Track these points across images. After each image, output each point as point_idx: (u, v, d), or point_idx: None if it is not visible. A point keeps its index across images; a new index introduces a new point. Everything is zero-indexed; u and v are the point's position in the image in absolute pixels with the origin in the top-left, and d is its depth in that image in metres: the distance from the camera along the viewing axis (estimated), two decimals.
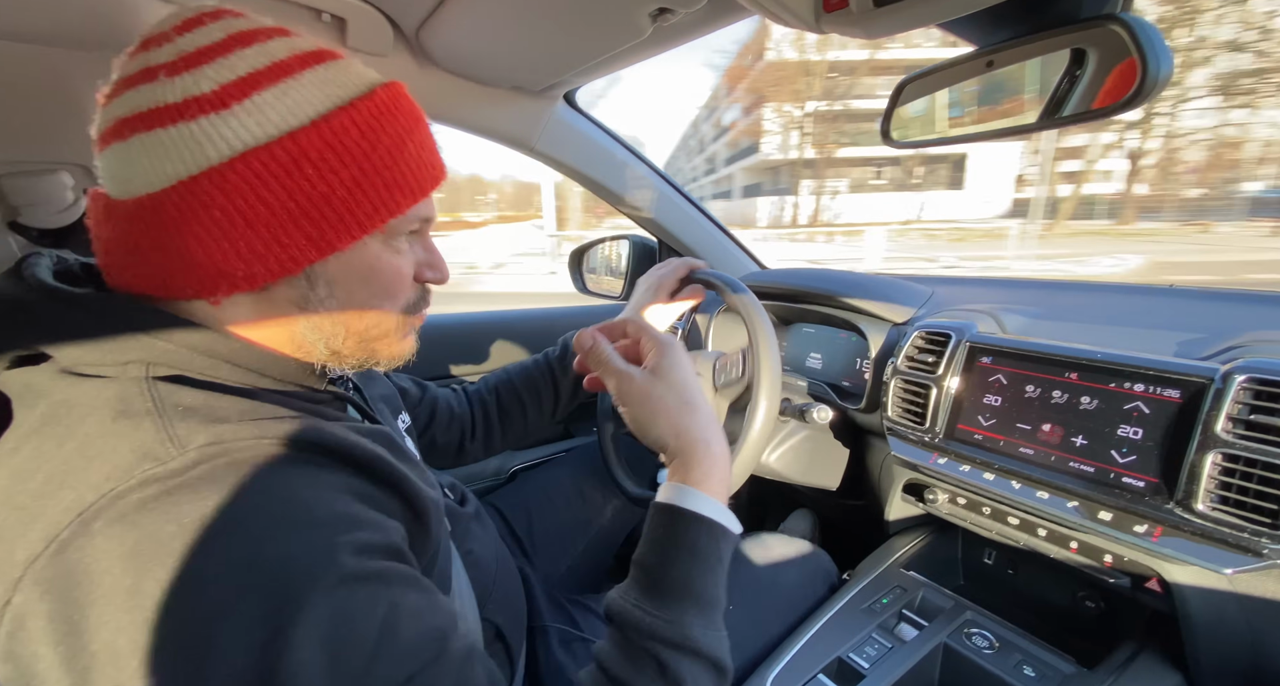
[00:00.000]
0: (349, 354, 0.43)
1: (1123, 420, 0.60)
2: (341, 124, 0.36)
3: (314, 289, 0.39)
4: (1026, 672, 0.63)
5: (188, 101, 0.33)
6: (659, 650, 0.38)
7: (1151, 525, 0.56)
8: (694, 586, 0.40)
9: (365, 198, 0.37)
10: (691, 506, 0.43)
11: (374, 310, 0.42)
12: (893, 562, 0.82)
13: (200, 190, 0.33)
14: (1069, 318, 0.76)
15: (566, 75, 0.82)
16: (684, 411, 0.47)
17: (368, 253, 0.40)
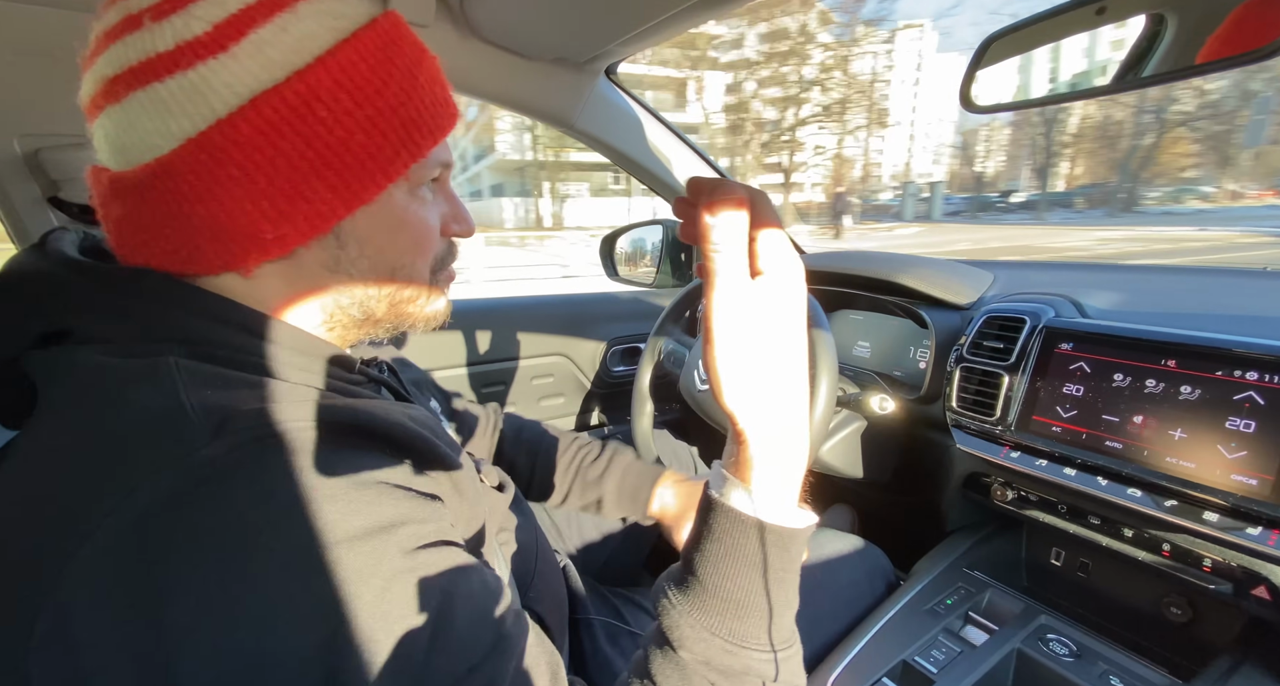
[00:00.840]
0: (383, 317, 0.40)
1: (1232, 412, 0.54)
2: (348, 58, 0.33)
3: (344, 248, 0.36)
4: (1114, 684, 0.59)
5: (181, 47, 0.30)
6: (715, 677, 0.32)
7: (1267, 526, 0.51)
8: (761, 604, 0.32)
9: (385, 140, 0.34)
10: (765, 515, 0.31)
11: (405, 267, 0.39)
12: (954, 561, 0.78)
13: (212, 146, 0.30)
14: (1158, 301, 0.70)
15: (611, 44, 0.78)
16: (787, 363, 0.31)
17: (394, 204, 0.37)
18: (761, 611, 0.32)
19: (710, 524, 0.32)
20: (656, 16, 0.67)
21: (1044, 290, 0.77)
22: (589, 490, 0.75)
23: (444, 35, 0.75)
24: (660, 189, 1.14)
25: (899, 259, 0.96)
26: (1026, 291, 0.79)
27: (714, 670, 0.32)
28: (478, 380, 1.14)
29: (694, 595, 0.33)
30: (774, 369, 0.31)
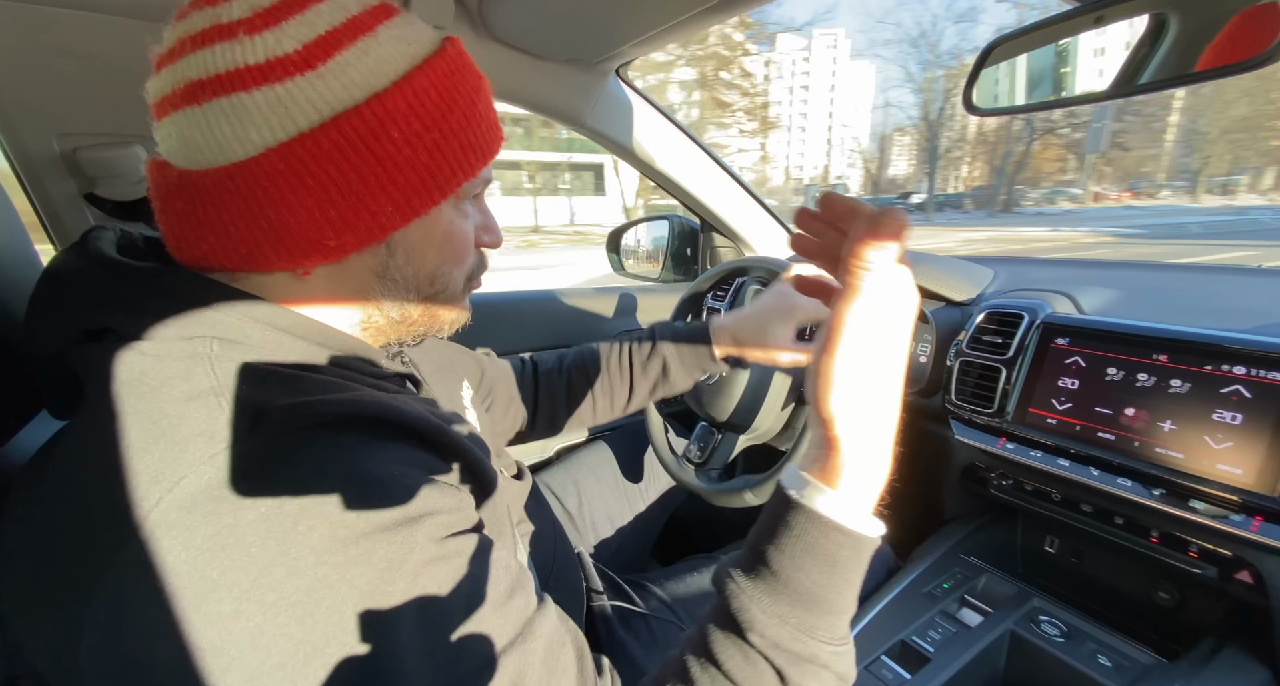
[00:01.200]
0: (416, 321, 0.43)
1: (1220, 404, 0.57)
2: (421, 85, 0.35)
3: (394, 256, 0.38)
4: (1102, 662, 0.62)
5: (271, 62, 0.31)
6: (785, 662, 0.33)
7: (1249, 514, 0.54)
8: (831, 600, 0.34)
9: (445, 161, 0.36)
10: (846, 521, 0.33)
11: (444, 276, 0.42)
12: (951, 548, 0.81)
13: (292, 157, 0.32)
14: (1151, 298, 0.72)
15: (624, 46, 0.80)
16: (893, 383, 0.33)
17: (442, 217, 0.39)
18: (830, 607, 0.34)
19: (789, 521, 0.33)
20: (669, 20, 0.69)
21: (1043, 286, 0.79)
22: (650, 366, 0.74)
23: (462, 36, 0.77)
24: (668, 185, 1.16)
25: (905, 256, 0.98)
26: (1025, 288, 0.82)
27: (782, 653, 0.33)
28: None
29: (767, 584, 0.34)
30: (882, 387, 0.33)
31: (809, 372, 0.34)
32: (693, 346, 0.73)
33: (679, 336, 0.74)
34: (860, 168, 36.99)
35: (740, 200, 1.21)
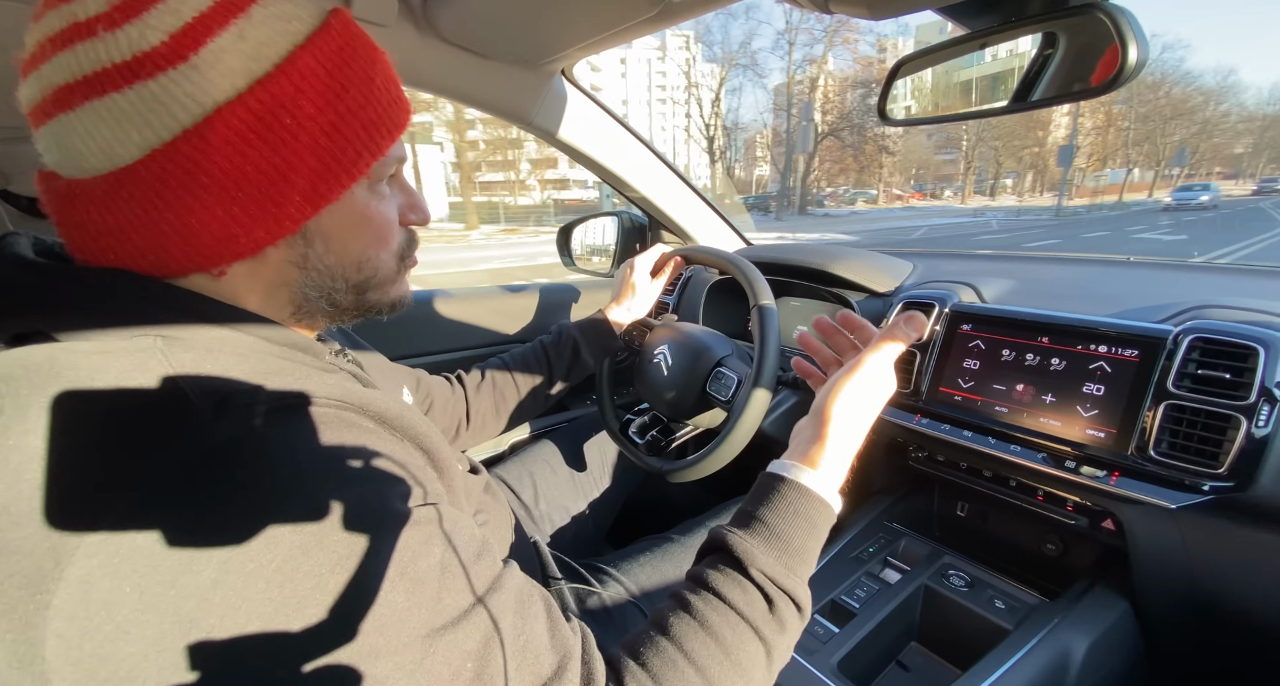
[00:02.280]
0: (349, 306, 0.43)
1: (1087, 378, 0.66)
2: (308, 66, 0.33)
3: (311, 246, 0.38)
4: (998, 605, 0.71)
5: (139, 58, 0.29)
6: (775, 593, 0.40)
7: (1110, 470, 0.63)
8: (807, 551, 0.43)
9: (348, 143, 0.35)
10: (826, 495, 0.44)
11: (371, 260, 0.42)
12: (877, 516, 0.89)
13: (180, 157, 0.31)
14: (1040, 287, 0.82)
15: (569, 50, 0.83)
16: (874, 408, 0.49)
17: (357, 201, 0.39)
18: (805, 558, 0.43)
19: (783, 492, 0.44)
20: (610, 29, 0.72)
21: (952, 278, 0.88)
22: (562, 350, 0.88)
23: (405, 35, 0.78)
24: (616, 183, 1.20)
25: (832, 251, 1.06)
26: (937, 280, 0.91)
27: (772, 585, 0.40)
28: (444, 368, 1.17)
29: (763, 537, 0.42)
30: (865, 411, 0.48)
31: (826, 386, 0.49)
32: (595, 328, 0.90)
33: (581, 324, 0.90)
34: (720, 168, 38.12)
35: (685, 197, 1.26)
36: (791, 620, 0.41)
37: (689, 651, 0.38)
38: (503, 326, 1.24)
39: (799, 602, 0.41)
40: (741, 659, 0.38)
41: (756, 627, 0.39)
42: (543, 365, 0.87)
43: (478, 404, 0.83)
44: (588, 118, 1.05)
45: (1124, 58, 0.47)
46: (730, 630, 0.39)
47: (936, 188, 49.96)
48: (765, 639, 0.39)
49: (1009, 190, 45.69)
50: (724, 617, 0.39)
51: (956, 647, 0.72)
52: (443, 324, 1.15)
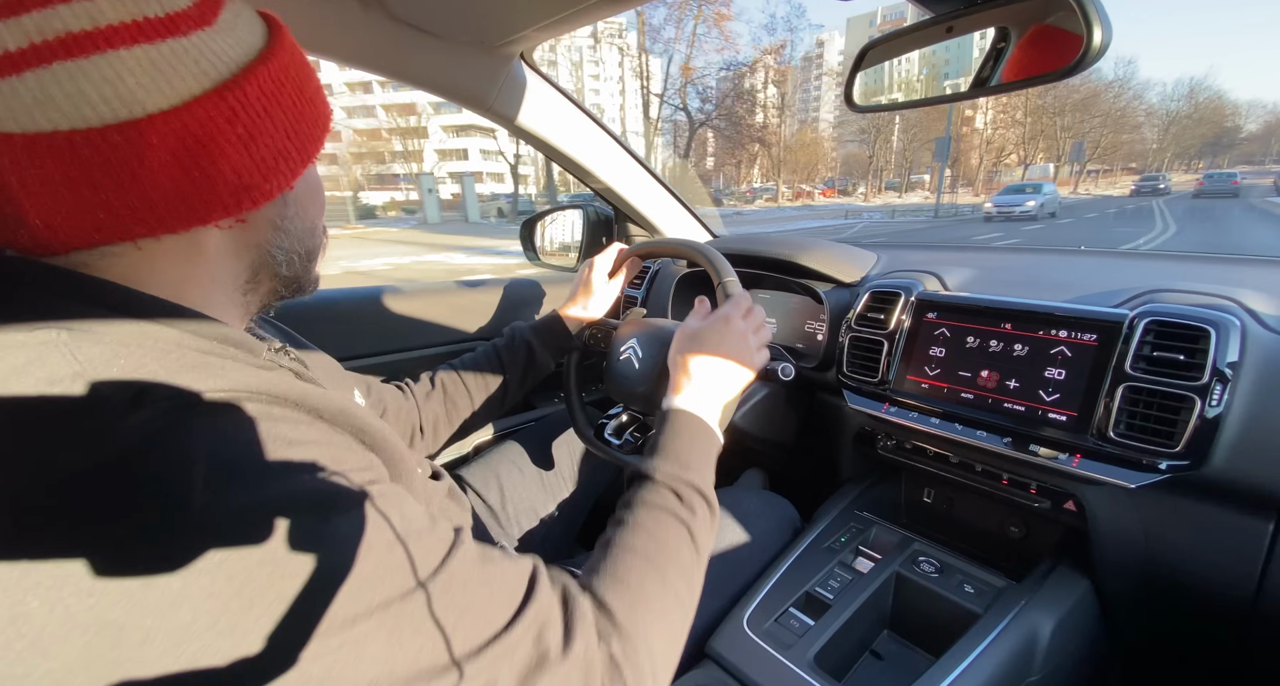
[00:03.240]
0: (293, 277, 0.44)
1: (1049, 363, 0.67)
2: (288, 38, 0.38)
3: (287, 207, 0.41)
4: (967, 590, 0.72)
5: (173, 17, 0.32)
6: (679, 486, 0.51)
7: (1071, 452, 0.64)
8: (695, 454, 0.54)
9: (320, 109, 0.40)
10: (688, 407, 0.57)
11: (317, 229, 0.45)
12: (847, 506, 0.89)
13: (224, 104, 0.33)
14: (1000, 275, 0.84)
15: (527, 31, 0.79)
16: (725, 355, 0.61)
17: (312, 171, 0.43)
18: (695, 465, 0.53)
19: (667, 417, 0.56)
20: (572, 6, 0.69)
21: (916, 268, 0.89)
22: (516, 353, 0.85)
23: (350, 10, 0.73)
24: (579, 172, 1.16)
25: (800, 242, 1.06)
26: (902, 270, 0.91)
27: (675, 480, 0.51)
28: (404, 367, 1.12)
29: (659, 454, 0.53)
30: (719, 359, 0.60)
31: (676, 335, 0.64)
32: (549, 328, 0.87)
33: (535, 325, 0.88)
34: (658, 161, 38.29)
35: (651, 189, 1.24)
36: (699, 504, 0.51)
37: (628, 544, 0.47)
38: (463, 323, 1.19)
39: (699, 489, 0.52)
40: (668, 541, 0.47)
41: (674, 513, 0.49)
42: (496, 369, 0.84)
43: (429, 412, 0.80)
44: (549, 104, 1.01)
45: (1089, 39, 0.47)
46: (654, 522, 0.48)
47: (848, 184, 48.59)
48: (684, 520, 0.49)
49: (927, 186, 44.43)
50: (647, 513, 0.49)
51: (929, 633, 0.72)
52: (398, 322, 1.10)
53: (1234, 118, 74.76)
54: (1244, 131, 77.26)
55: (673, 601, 0.46)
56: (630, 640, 0.41)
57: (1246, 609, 0.60)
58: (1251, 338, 0.58)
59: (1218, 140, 70.62)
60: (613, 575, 0.44)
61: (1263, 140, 78.67)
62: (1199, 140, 66.57)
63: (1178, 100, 62.92)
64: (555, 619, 0.38)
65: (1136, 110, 53.13)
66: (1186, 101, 63.46)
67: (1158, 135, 62.27)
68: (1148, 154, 62.81)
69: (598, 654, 0.39)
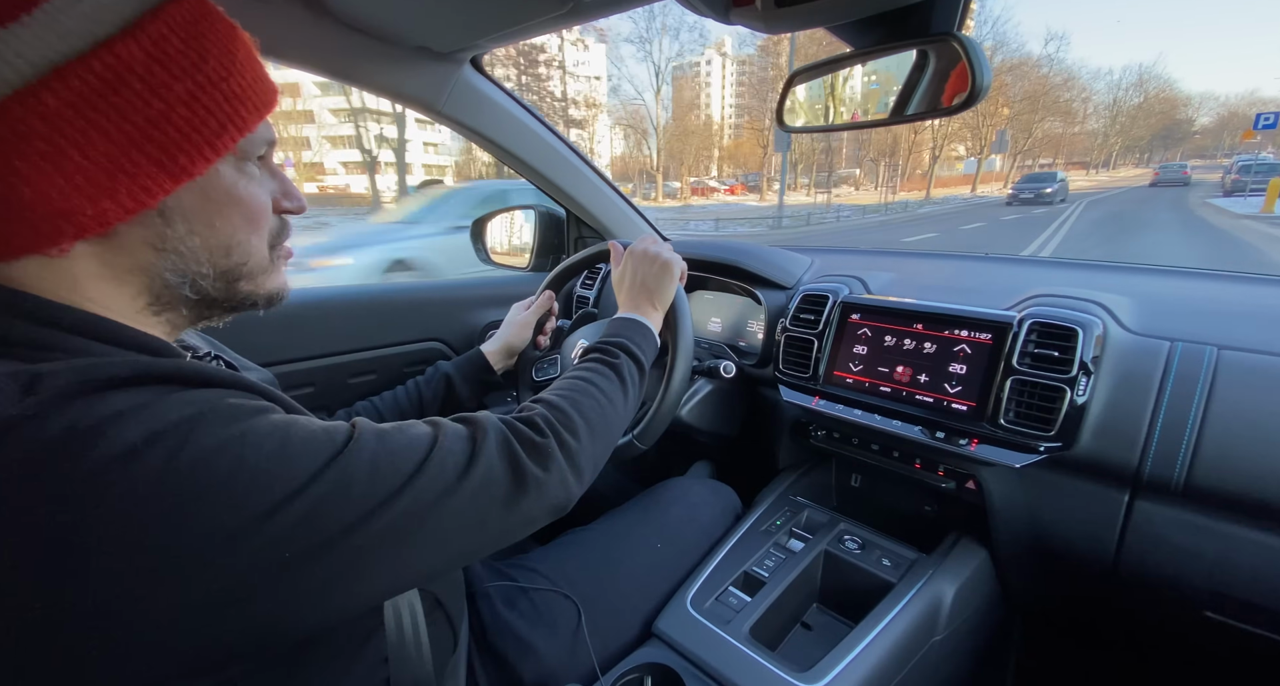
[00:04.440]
0: (220, 297, 0.41)
1: (952, 359, 0.76)
2: (159, 31, 0.33)
3: (171, 225, 0.36)
4: (885, 563, 0.80)
5: None
6: (608, 347, 0.63)
7: (971, 438, 0.73)
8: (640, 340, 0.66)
9: (210, 114, 0.35)
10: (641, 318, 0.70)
11: (241, 244, 0.40)
12: (783, 491, 0.97)
13: (11, 118, 0.29)
14: (917, 280, 0.93)
15: (478, 41, 0.81)
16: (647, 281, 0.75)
17: (223, 179, 0.38)
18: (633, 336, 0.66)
19: (611, 322, 0.69)
20: (523, 21, 0.72)
21: (844, 272, 0.97)
22: (435, 387, 0.86)
23: (293, 13, 0.73)
24: (528, 174, 1.18)
25: (742, 247, 1.13)
26: (832, 273, 0.99)
27: (609, 345, 0.63)
28: (345, 370, 1.11)
29: (600, 338, 0.65)
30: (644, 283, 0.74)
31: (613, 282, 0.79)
32: (471, 364, 0.90)
33: (457, 361, 0.90)
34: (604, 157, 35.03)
35: (601, 190, 1.28)
36: (624, 356, 0.62)
37: (561, 383, 0.56)
38: (406, 326, 1.18)
39: (626, 347, 0.63)
40: (596, 373, 0.58)
41: (601, 360, 0.60)
42: (414, 406, 0.85)
43: None
44: (500, 108, 1.03)
45: (974, 80, 0.54)
46: (584, 367, 0.59)
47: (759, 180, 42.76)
48: (609, 363, 0.60)
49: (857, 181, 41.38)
50: (580, 367, 0.59)
51: (852, 604, 0.80)
52: (337, 325, 1.08)
53: (1185, 109, 72.20)
54: (1196, 124, 75.66)
55: (603, 402, 0.55)
56: (557, 407, 0.51)
57: (1109, 570, 0.71)
58: (1110, 336, 0.68)
59: (1169, 133, 67.81)
60: (548, 393, 0.54)
61: (1215, 133, 77.48)
62: (1149, 132, 63.38)
63: (1125, 89, 59.03)
64: (462, 432, 0.43)
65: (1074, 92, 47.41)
66: (1136, 90, 59.50)
67: (1104, 125, 58.88)
68: (1092, 149, 60.19)
69: (519, 425, 0.47)
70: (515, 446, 0.45)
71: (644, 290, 0.74)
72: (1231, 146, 72.19)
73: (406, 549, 0.36)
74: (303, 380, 1.02)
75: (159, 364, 0.33)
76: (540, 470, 0.45)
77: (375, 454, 0.36)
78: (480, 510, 0.41)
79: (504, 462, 0.43)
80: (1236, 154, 31.26)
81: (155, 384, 0.31)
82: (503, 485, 0.42)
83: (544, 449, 0.46)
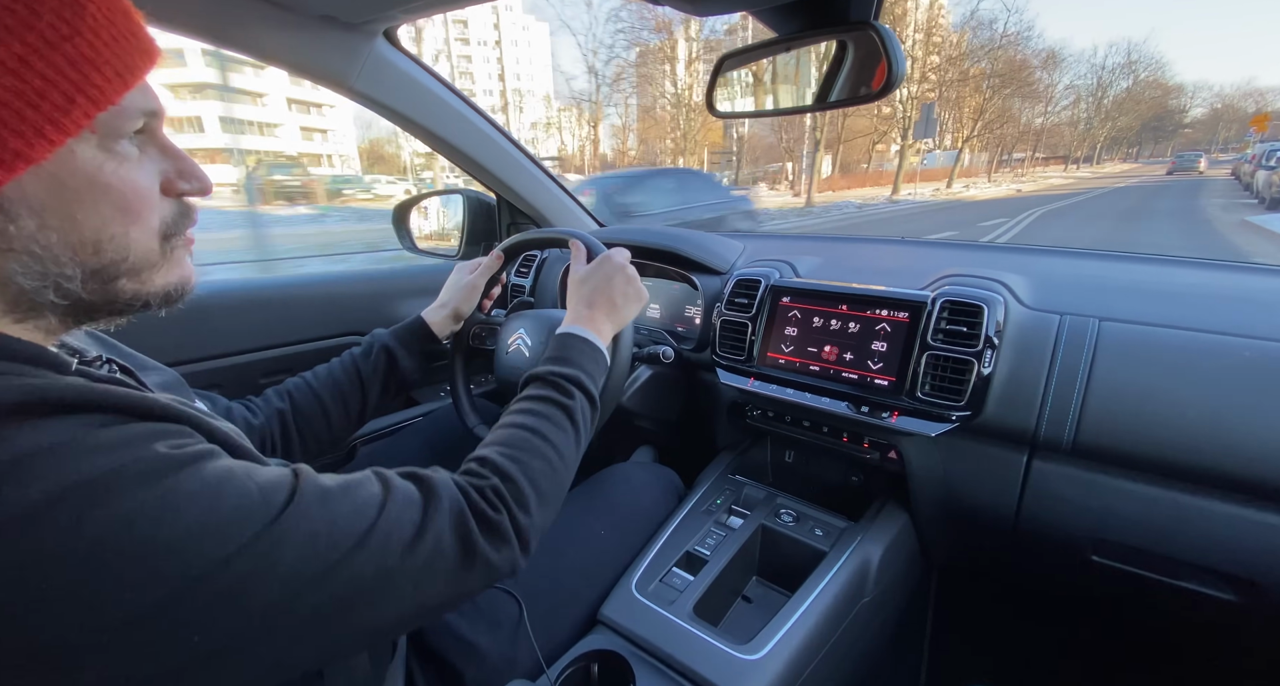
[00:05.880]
0: (94, 299, 0.35)
1: (874, 338, 0.80)
2: None
3: (15, 222, 0.30)
4: (817, 533, 0.84)
5: None
6: (562, 382, 0.59)
7: (891, 411, 0.78)
8: (579, 360, 0.62)
9: (48, 84, 0.29)
10: (593, 339, 0.66)
11: (116, 238, 0.34)
12: (722, 471, 0.99)
13: None
14: (841, 263, 0.97)
15: (391, 10, 0.76)
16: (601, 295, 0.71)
17: (80, 163, 0.32)
18: (583, 363, 0.62)
19: (560, 338, 0.65)
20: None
21: (774, 257, 1.00)
22: (376, 362, 0.80)
23: None
24: (453, 156, 1.13)
25: (678, 233, 1.13)
26: (763, 258, 1.02)
27: (561, 377, 0.59)
28: (256, 369, 1.02)
29: (549, 361, 0.62)
30: (598, 295, 0.70)
31: (570, 281, 0.74)
32: (412, 333, 0.83)
33: (396, 331, 0.83)
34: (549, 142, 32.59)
35: (533, 175, 1.24)
36: (578, 393, 0.59)
37: (513, 423, 0.54)
38: (322, 321, 1.11)
39: (579, 382, 0.60)
40: (548, 416, 0.55)
41: (554, 399, 0.57)
42: (353, 382, 0.78)
43: (278, 430, 0.72)
44: (417, 85, 0.97)
45: (890, 70, 0.57)
46: (537, 404, 0.56)
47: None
48: (561, 404, 0.57)
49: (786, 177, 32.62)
50: (531, 401, 0.57)
51: (787, 574, 0.84)
52: (245, 320, 1.00)
53: (1178, 97, 62.50)
54: (1189, 116, 67.57)
55: (554, 460, 0.53)
56: (510, 478, 0.48)
57: (1010, 523, 0.78)
58: (1011, 312, 0.74)
59: (1160, 124, 60.37)
60: (496, 442, 0.51)
61: (1208, 126, 71.93)
62: (1138, 120, 53.79)
63: (1112, 71, 47.47)
64: (414, 497, 0.41)
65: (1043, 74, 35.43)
66: (1124, 71, 47.91)
67: (1086, 111, 47.44)
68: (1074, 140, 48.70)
69: (474, 495, 0.45)
70: (470, 521, 0.43)
71: (609, 306, 0.69)
72: (1226, 140, 68.10)
73: (333, 628, 0.34)
74: (209, 380, 0.94)
75: (56, 387, 0.29)
76: (493, 550, 0.43)
77: (313, 524, 0.34)
78: (419, 586, 0.39)
79: (454, 537, 0.41)
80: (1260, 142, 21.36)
81: (63, 413, 0.28)
82: (450, 560, 0.41)
83: (498, 527, 0.44)
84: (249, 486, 0.32)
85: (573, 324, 0.67)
